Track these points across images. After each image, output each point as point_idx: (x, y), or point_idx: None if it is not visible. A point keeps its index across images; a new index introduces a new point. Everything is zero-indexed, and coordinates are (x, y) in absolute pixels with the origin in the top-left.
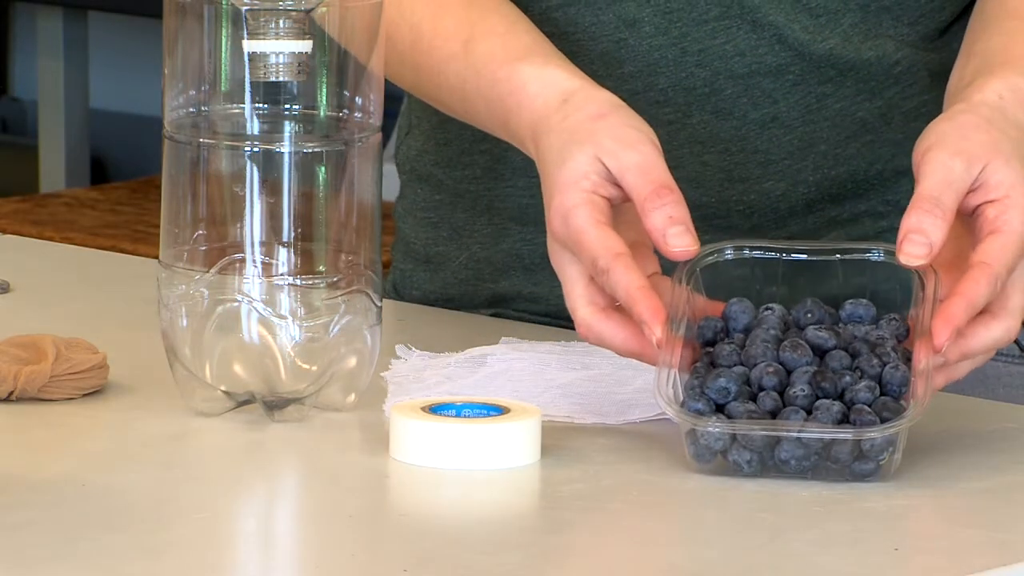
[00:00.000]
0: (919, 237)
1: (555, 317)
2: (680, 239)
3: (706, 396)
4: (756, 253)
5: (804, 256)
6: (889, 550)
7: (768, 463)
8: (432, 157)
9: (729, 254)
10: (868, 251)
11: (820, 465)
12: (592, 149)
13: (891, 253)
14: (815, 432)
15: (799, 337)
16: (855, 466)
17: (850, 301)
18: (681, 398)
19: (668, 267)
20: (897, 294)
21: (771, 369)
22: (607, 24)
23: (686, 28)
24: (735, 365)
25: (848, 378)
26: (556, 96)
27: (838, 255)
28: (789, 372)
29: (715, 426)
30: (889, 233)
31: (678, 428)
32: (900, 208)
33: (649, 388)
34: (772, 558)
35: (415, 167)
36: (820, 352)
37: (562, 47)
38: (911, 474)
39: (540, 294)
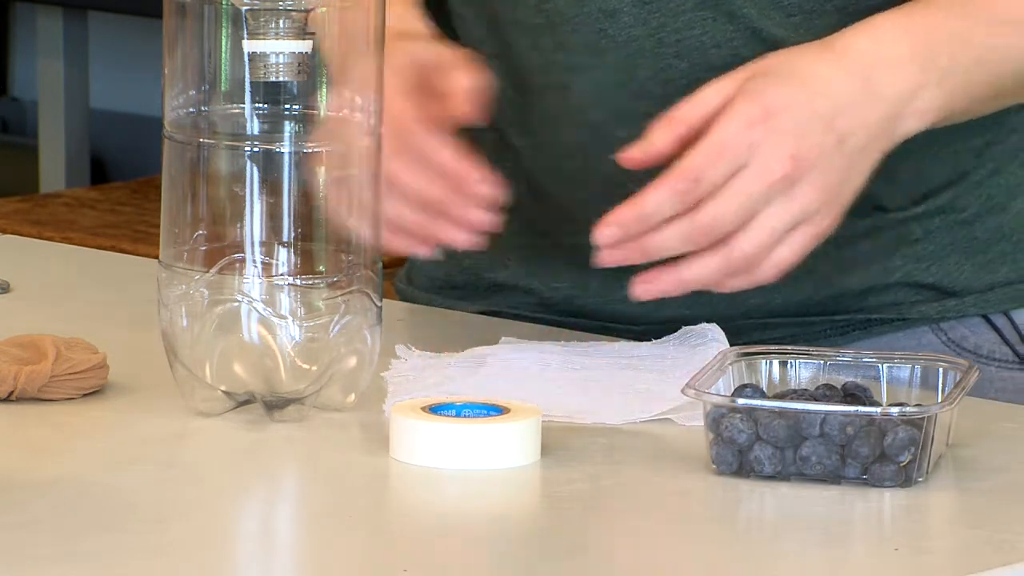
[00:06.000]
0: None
1: (549, 310)
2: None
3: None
4: (801, 360)
5: (847, 359)
6: (889, 550)
7: (789, 465)
8: None
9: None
10: (913, 363)
11: (839, 472)
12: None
13: (931, 362)
14: (839, 408)
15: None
16: (876, 469)
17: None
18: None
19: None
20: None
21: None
22: (589, 15)
23: (664, 19)
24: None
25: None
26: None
27: (881, 362)
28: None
29: (742, 404)
30: (874, 233)
31: (681, 430)
32: (880, 207)
33: (651, 388)
34: (772, 558)
35: None
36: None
37: (549, 39)
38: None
39: (533, 287)
